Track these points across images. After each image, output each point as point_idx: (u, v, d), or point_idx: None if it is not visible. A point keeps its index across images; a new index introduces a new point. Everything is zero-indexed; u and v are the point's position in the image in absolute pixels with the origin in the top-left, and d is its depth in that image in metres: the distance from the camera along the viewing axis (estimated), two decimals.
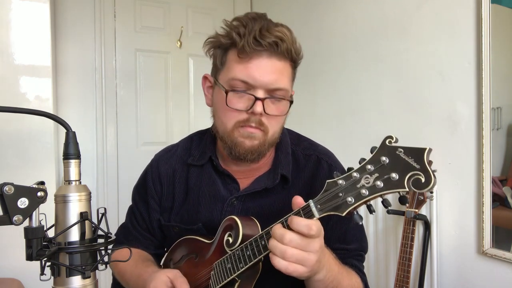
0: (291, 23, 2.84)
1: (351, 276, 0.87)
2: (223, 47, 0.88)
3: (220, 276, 0.84)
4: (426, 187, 0.57)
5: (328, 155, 0.99)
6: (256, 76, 0.83)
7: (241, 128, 0.86)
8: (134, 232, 1.08)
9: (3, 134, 1.72)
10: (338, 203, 0.67)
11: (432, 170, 0.57)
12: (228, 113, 0.87)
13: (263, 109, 0.84)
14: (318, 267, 0.72)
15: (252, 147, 0.87)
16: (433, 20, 1.59)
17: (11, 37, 1.74)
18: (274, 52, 0.84)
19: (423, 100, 1.64)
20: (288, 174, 0.93)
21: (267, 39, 0.82)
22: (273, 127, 0.88)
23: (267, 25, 0.84)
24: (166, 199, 1.03)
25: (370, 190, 0.63)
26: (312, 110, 2.31)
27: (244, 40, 0.82)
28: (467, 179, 1.47)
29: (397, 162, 0.60)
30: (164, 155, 1.07)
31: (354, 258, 0.94)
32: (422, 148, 0.58)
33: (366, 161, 0.64)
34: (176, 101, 2.77)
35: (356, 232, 0.96)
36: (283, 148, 0.97)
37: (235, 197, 0.94)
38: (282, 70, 0.86)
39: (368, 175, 0.63)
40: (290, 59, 0.89)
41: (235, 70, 0.85)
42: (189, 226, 0.98)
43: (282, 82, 0.86)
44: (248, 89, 0.85)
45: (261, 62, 0.84)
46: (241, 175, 0.97)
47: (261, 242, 0.75)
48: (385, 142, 0.62)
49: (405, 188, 0.59)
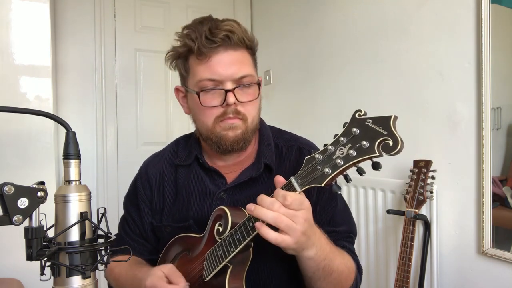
0: (291, 23, 2.84)
1: (343, 255, 0.90)
2: (182, 56, 0.95)
3: (212, 264, 0.85)
4: (395, 149, 0.62)
5: (310, 145, 1.03)
6: (220, 71, 0.89)
7: (221, 122, 0.92)
8: (127, 239, 1.09)
9: (3, 134, 1.72)
10: (317, 175, 0.71)
11: (399, 134, 0.62)
12: (205, 112, 0.92)
13: (236, 99, 0.89)
14: (305, 242, 0.75)
15: (236, 136, 0.92)
16: (433, 20, 1.59)
17: (11, 37, 1.74)
18: (229, 45, 0.90)
19: (423, 100, 1.64)
20: (272, 163, 0.98)
21: (218, 35, 0.88)
22: (250, 113, 0.94)
23: (215, 24, 0.91)
24: (156, 202, 1.05)
25: (344, 160, 0.68)
26: (312, 110, 2.31)
27: (198, 43, 0.88)
28: (467, 179, 1.47)
29: (366, 132, 0.65)
30: (152, 160, 1.12)
31: (344, 240, 0.97)
32: (388, 116, 0.63)
33: (339, 134, 0.69)
34: (176, 101, 2.71)
35: (343, 215, 1.00)
36: (266, 140, 1.02)
37: (223, 191, 0.98)
38: (241, 59, 0.92)
39: (342, 147, 0.68)
40: (246, 47, 0.94)
41: (199, 72, 0.91)
42: (181, 223, 1.00)
43: (244, 70, 0.92)
44: (216, 85, 0.90)
45: (220, 57, 0.90)
46: (227, 170, 1.01)
47: (249, 224, 0.78)
48: (355, 115, 0.67)
49: (375, 153, 0.64)
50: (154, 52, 2.69)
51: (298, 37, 2.42)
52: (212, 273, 0.85)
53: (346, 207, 1.03)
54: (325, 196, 0.97)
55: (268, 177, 0.97)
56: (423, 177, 1.51)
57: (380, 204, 1.78)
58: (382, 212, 1.76)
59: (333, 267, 0.83)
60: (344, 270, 0.87)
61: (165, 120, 2.74)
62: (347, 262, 0.89)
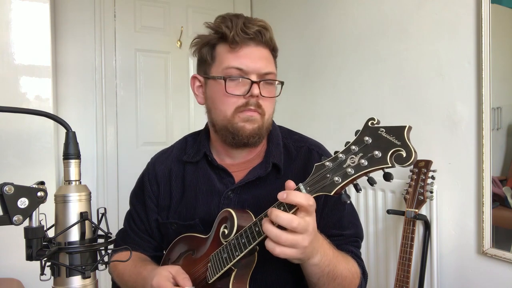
0: (291, 23, 2.84)
1: (347, 260, 0.89)
2: (211, 43, 0.96)
3: (217, 266, 0.85)
4: (408, 161, 0.60)
5: (319, 146, 1.03)
6: (248, 63, 0.91)
7: (241, 113, 0.91)
8: (132, 235, 1.08)
9: (3, 134, 1.72)
10: (326, 183, 0.70)
11: (412, 146, 0.60)
12: (227, 100, 0.92)
13: (259, 92, 0.90)
14: (311, 251, 0.74)
15: (253, 130, 0.92)
16: (433, 20, 1.59)
17: (11, 37, 1.74)
18: (260, 41, 0.93)
19: (423, 100, 1.64)
20: (280, 163, 0.97)
21: (252, 29, 0.91)
22: (268, 109, 0.95)
23: (249, 19, 0.94)
24: (163, 198, 1.05)
25: (355, 169, 0.66)
26: (312, 110, 2.31)
27: (234, 31, 0.90)
28: (467, 179, 1.47)
29: (379, 141, 0.64)
30: (160, 157, 1.11)
31: (350, 244, 0.96)
32: (402, 126, 0.62)
33: (350, 142, 0.68)
34: (176, 101, 2.77)
35: (351, 219, 1.00)
36: (274, 140, 1.02)
37: (231, 190, 0.97)
38: (267, 57, 0.95)
39: (353, 155, 0.67)
40: (272, 49, 0.97)
41: (228, 59, 0.92)
42: (187, 222, 0.99)
43: (270, 67, 0.94)
44: (242, 76, 0.91)
45: (250, 50, 0.92)
46: (235, 168, 1.00)
47: (255, 229, 0.77)
48: (368, 124, 0.66)
49: (388, 164, 0.62)
50: (154, 52, 2.70)
51: (298, 37, 2.42)
52: (216, 275, 0.84)
53: (353, 210, 1.02)
54: (333, 199, 0.95)
55: (276, 177, 0.97)
56: (423, 177, 1.51)
57: (380, 204, 1.78)
58: (382, 212, 1.76)
59: (337, 272, 0.82)
60: (348, 275, 0.85)
61: (165, 120, 2.74)
62: (351, 268, 0.88)
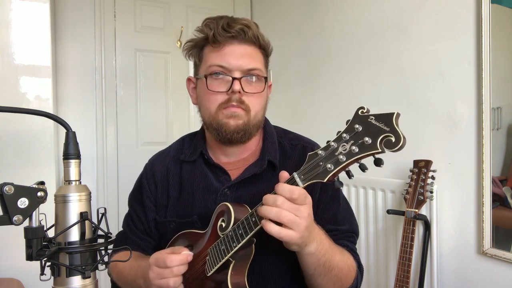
0: (291, 23, 2.84)
1: (343, 253, 0.90)
2: (199, 45, 0.99)
3: (215, 259, 0.86)
4: (397, 146, 0.62)
5: (314, 144, 1.05)
6: (231, 60, 0.92)
7: (224, 110, 0.93)
8: (131, 236, 1.09)
9: (3, 134, 1.72)
10: (320, 171, 0.72)
11: (401, 131, 0.62)
12: (210, 98, 0.94)
13: (241, 88, 0.92)
14: (308, 237, 0.76)
15: (238, 126, 0.93)
16: (433, 20, 1.59)
17: (11, 37, 1.74)
18: (243, 39, 0.94)
19: (423, 100, 1.64)
20: (275, 160, 0.99)
21: (234, 28, 0.92)
22: (254, 106, 0.95)
23: (233, 19, 0.95)
24: (161, 197, 1.06)
25: (347, 156, 0.68)
26: (312, 110, 2.31)
27: (214, 31, 0.93)
28: (467, 179, 1.47)
29: (369, 128, 0.66)
30: (157, 158, 1.13)
31: (345, 239, 0.97)
32: (391, 113, 0.64)
33: (342, 131, 0.69)
34: (176, 101, 2.77)
35: (346, 215, 1.01)
36: (270, 138, 1.04)
37: (227, 187, 0.99)
38: (252, 54, 0.95)
39: (344, 143, 0.69)
40: (259, 46, 0.97)
41: (211, 58, 0.94)
42: (185, 219, 1.01)
43: (254, 63, 0.95)
44: (223, 73, 0.93)
45: (233, 48, 0.93)
46: (231, 166, 1.02)
47: (252, 219, 0.78)
48: (358, 113, 0.68)
49: (378, 149, 0.64)
50: (154, 52, 2.70)
51: (298, 36, 2.42)
52: (215, 268, 0.85)
53: (348, 206, 1.04)
54: (327, 194, 0.97)
55: (272, 174, 0.98)
56: (423, 177, 1.51)
57: (380, 204, 1.78)
58: (382, 212, 1.76)
59: (333, 263, 0.84)
60: (344, 267, 0.87)
61: (165, 120, 2.74)
62: (347, 260, 0.90)
